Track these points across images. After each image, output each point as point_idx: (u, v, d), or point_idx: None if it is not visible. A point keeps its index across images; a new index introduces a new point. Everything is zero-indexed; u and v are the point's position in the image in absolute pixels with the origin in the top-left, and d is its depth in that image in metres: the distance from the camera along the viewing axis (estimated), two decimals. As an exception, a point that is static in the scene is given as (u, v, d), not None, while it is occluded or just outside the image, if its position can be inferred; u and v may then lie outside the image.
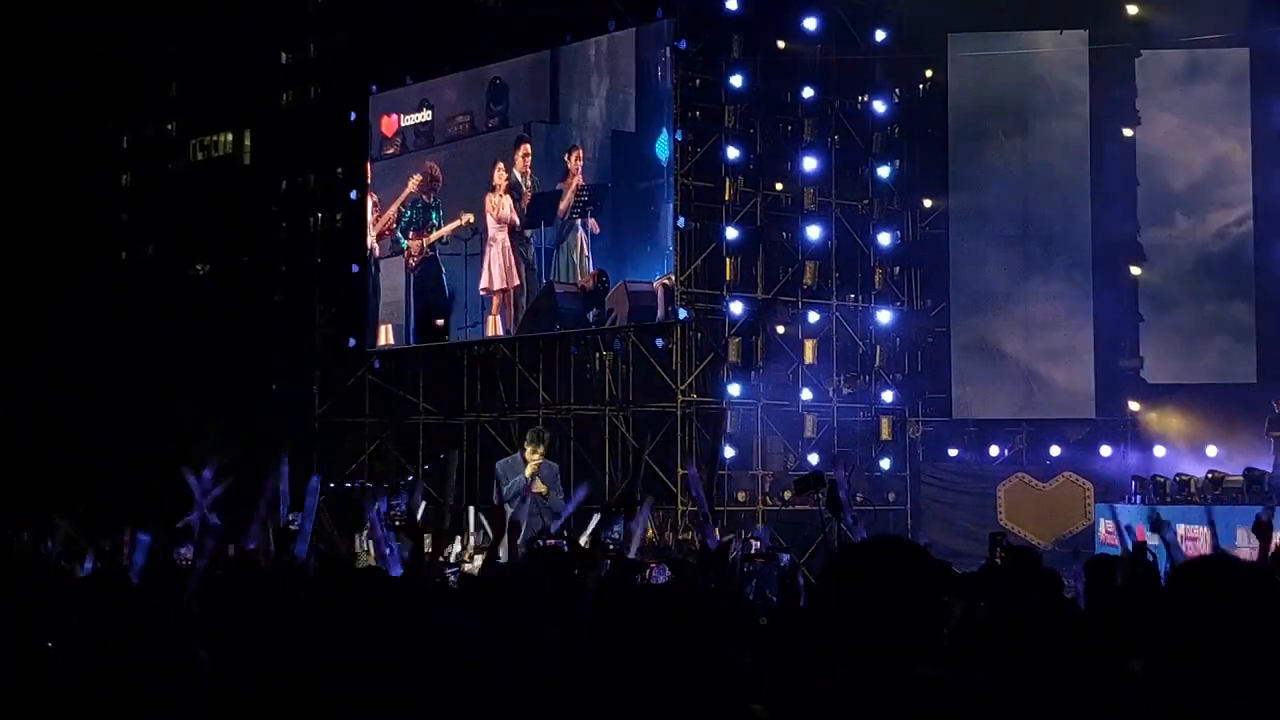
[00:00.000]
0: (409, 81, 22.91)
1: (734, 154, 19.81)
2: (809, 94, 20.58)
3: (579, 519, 12.69)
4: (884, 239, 21.19)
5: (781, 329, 20.64)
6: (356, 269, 23.41)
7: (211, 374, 30.11)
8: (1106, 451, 20.11)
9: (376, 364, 23.10)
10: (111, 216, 38.35)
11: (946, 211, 21.15)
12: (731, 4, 19.72)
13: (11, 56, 32.93)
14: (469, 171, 21.96)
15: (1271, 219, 20.50)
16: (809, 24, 20.43)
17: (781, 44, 20.50)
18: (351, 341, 23.31)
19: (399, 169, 22.92)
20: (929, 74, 21.65)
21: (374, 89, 23.36)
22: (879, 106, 21.36)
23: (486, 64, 21.89)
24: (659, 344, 19.90)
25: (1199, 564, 2.89)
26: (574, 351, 21.09)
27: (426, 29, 24.56)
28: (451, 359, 22.61)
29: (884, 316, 21.10)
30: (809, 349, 20.22)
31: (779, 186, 20.79)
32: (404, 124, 22.83)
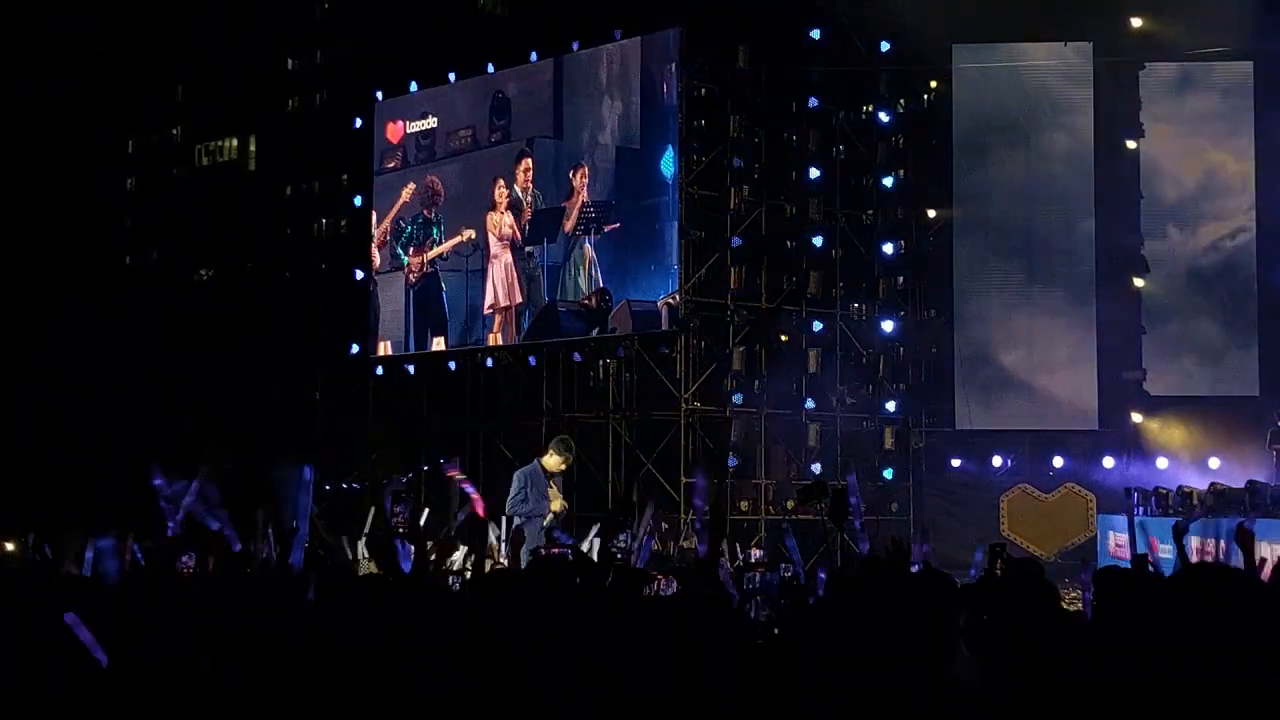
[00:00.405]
0: (414, 88, 22.91)
1: (739, 164, 19.84)
2: (814, 104, 20.62)
3: (580, 527, 12.71)
4: (888, 249, 21.20)
5: (785, 338, 20.65)
6: (360, 276, 23.41)
7: (214, 380, 30.11)
8: (1109, 463, 20.10)
9: (379, 371, 23.09)
10: (115, 221, 38.34)
11: (950, 222, 21.16)
12: (738, 14, 19.74)
13: (12, 57, 32.93)
14: (470, 186, 21.87)
15: (1274, 232, 20.52)
16: (814, 35, 20.47)
17: (787, 55, 20.53)
18: (354, 348, 23.32)
19: (399, 183, 22.87)
20: (933, 85, 21.67)
21: (379, 96, 23.37)
22: (883, 117, 21.39)
23: (491, 72, 21.87)
24: (663, 351, 19.91)
25: (1193, 570, 2.88)
26: (577, 359, 21.07)
27: (431, 35, 24.61)
28: (454, 366, 22.59)
29: (887, 326, 21.10)
30: (812, 358, 20.22)
31: (783, 196, 20.81)
32: (409, 130, 22.80)
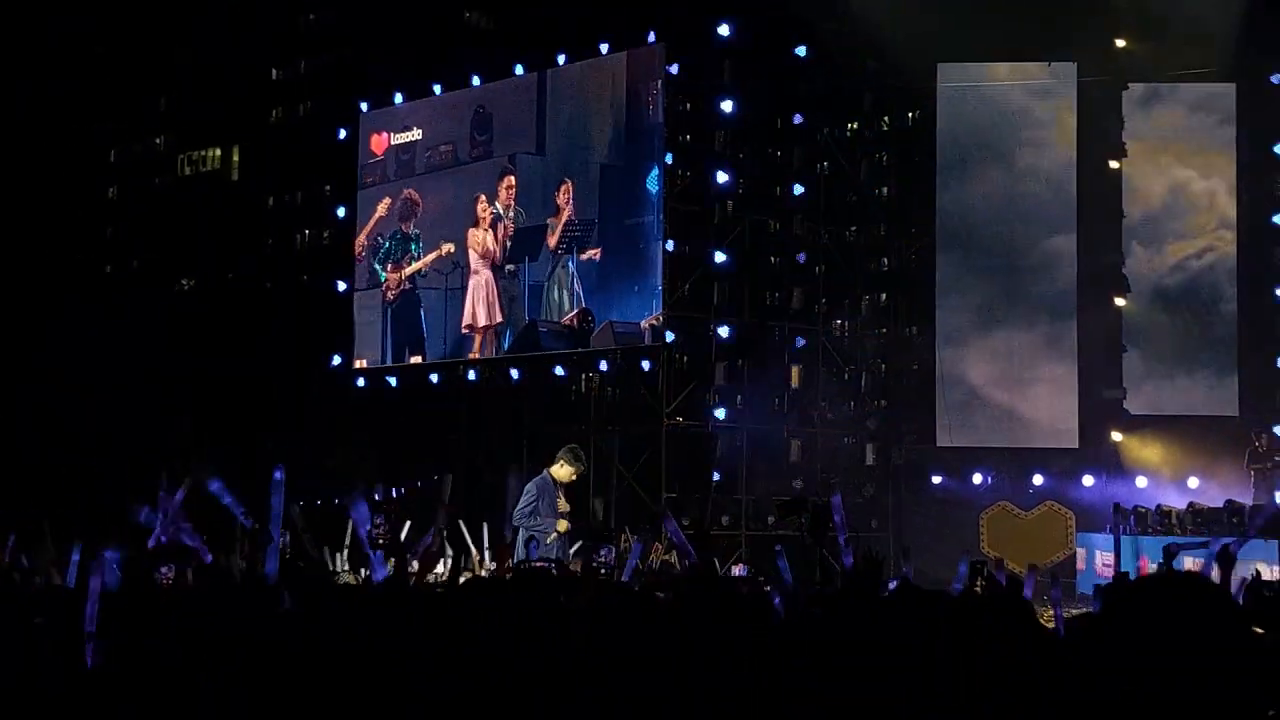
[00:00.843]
0: (399, 99, 22.89)
1: (723, 179, 19.86)
2: (798, 120, 20.68)
3: (563, 540, 12.71)
4: (871, 266, 21.26)
5: (767, 353, 20.67)
6: (344, 287, 23.34)
7: (196, 390, 29.99)
8: (1089, 481, 20.15)
9: (360, 382, 23.01)
10: (97, 230, 38.19)
11: (933, 239, 21.22)
12: (723, 30, 19.79)
13: (12, 57, 32.82)
14: (451, 202, 21.67)
15: (1255, 252, 20.66)
16: (799, 51, 20.52)
17: (772, 71, 20.59)
18: (336, 360, 23.25)
19: (377, 197, 22.74)
20: (917, 103, 21.75)
21: (364, 107, 23.34)
22: (868, 134, 21.46)
23: (475, 85, 21.82)
24: (645, 366, 19.90)
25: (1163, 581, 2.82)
26: (558, 372, 21.02)
27: (418, 46, 24.58)
28: (437, 379, 22.54)
29: (870, 343, 21.14)
30: (795, 374, 20.24)
31: (767, 212, 20.85)
32: (394, 142, 22.75)
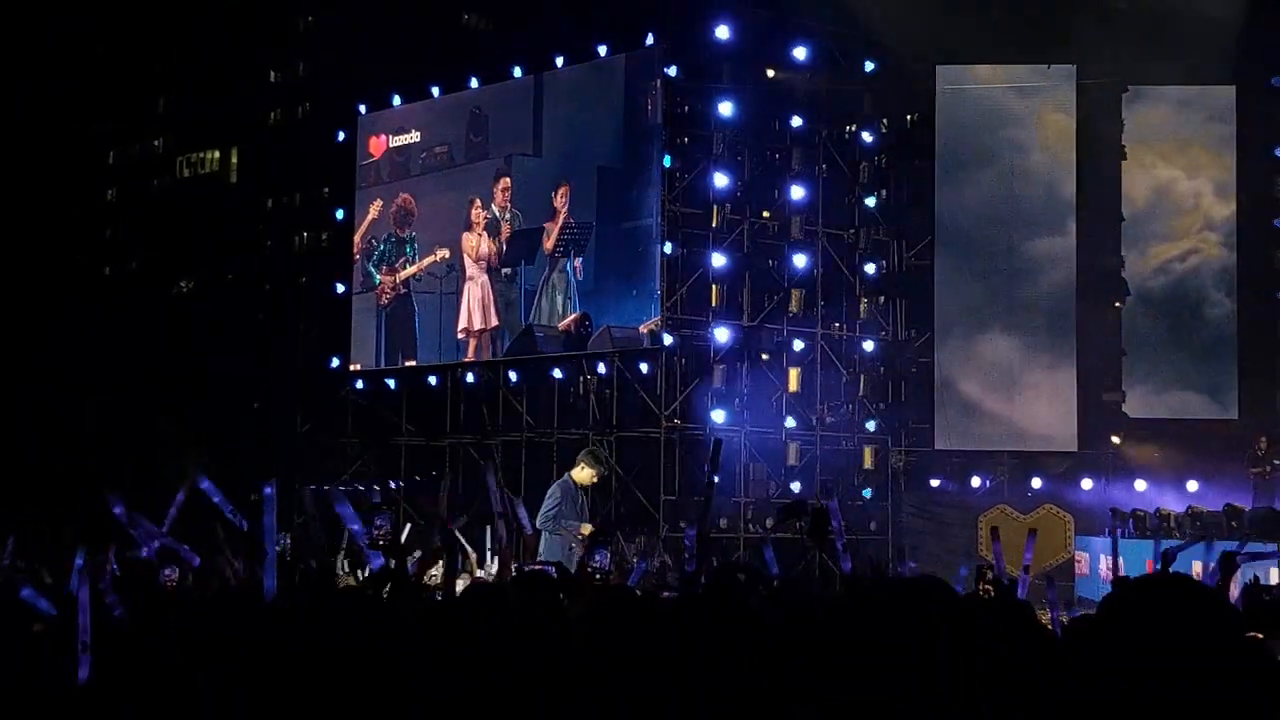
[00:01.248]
0: (396, 101, 22.86)
1: (722, 181, 19.81)
2: (797, 123, 20.65)
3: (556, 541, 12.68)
4: (869, 268, 21.23)
5: (766, 356, 20.63)
6: (342, 289, 23.31)
7: (193, 391, 29.99)
8: (1088, 485, 20.13)
9: (359, 384, 22.99)
10: (96, 231, 38.22)
11: (932, 242, 21.21)
12: (722, 32, 19.76)
13: (12, 57, 32.85)
14: (446, 205, 21.59)
15: (1255, 255, 20.65)
16: (798, 53, 20.50)
17: (771, 73, 20.56)
18: (334, 361, 23.22)
19: (370, 199, 22.66)
20: (916, 105, 21.73)
21: (362, 109, 23.33)
22: (867, 136, 21.43)
23: (473, 87, 21.79)
24: (644, 369, 19.86)
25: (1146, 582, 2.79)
26: (556, 375, 20.98)
27: (416, 48, 24.59)
28: (435, 382, 22.51)
29: (868, 346, 21.12)
30: (793, 377, 20.20)
31: (766, 214, 20.80)
32: (392, 144, 22.72)
